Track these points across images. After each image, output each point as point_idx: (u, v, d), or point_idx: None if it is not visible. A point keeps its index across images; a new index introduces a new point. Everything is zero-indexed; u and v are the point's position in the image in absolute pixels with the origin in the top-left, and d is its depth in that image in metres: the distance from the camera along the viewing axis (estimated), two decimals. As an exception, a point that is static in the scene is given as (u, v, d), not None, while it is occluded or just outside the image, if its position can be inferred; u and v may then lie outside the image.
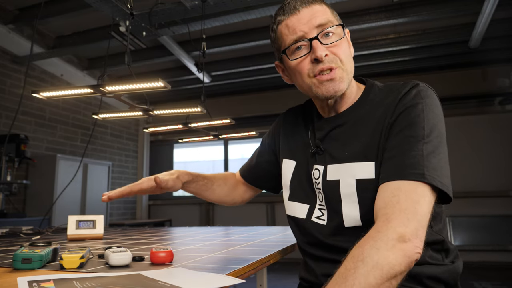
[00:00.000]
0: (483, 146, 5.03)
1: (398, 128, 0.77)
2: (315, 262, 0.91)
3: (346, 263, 0.62)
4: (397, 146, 0.75)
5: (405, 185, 0.69)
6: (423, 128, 0.74)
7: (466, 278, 3.94)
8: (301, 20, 0.83)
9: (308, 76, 0.84)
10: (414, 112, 0.77)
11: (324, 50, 0.81)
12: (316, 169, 0.90)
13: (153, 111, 2.74)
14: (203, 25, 3.33)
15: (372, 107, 0.85)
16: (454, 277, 0.85)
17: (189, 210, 6.28)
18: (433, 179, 0.69)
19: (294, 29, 0.83)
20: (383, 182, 0.73)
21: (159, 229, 1.85)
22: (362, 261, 0.60)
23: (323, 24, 0.82)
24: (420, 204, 0.67)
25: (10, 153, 3.79)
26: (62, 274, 0.69)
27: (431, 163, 0.71)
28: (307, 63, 0.83)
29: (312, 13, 0.82)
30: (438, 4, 3.58)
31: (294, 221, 0.96)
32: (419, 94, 0.79)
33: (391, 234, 0.63)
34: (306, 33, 0.82)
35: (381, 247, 0.61)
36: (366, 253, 0.61)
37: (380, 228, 0.65)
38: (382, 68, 5.03)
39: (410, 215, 0.65)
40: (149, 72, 5.31)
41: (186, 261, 0.83)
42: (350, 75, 0.85)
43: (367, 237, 0.65)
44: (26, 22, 3.98)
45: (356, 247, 0.64)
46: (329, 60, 0.81)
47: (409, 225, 0.64)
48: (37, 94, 2.19)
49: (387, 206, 0.68)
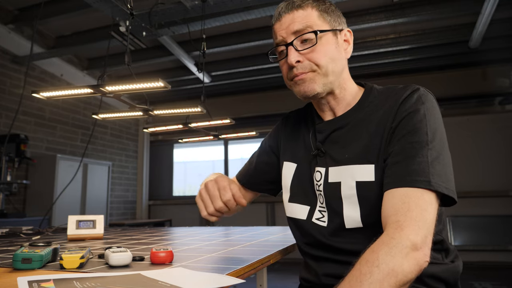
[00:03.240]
0: (483, 146, 5.03)
1: (401, 133, 0.78)
2: (316, 262, 0.92)
3: (360, 267, 0.63)
4: (401, 152, 0.76)
5: (413, 192, 0.71)
6: (426, 134, 0.76)
7: (466, 278, 3.94)
8: (282, 26, 0.88)
9: (287, 78, 0.90)
10: (417, 117, 0.78)
11: (297, 57, 0.85)
12: (317, 171, 0.90)
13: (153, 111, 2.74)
14: (203, 25, 3.33)
15: (371, 110, 0.86)
16: (454, 276, 0.85)
17: (189, 210, 6.28)
18: (438, 186, 0.71)
19: (276, 34, 0.89)
20: (390, 188, 0.74)
21: (159, 229, 1.85)
22: (377, 267, 0.62)
23: (300, 30, 0.85)
24: (428, 211, 0.69)
25: (10, 153, 3.79)
26: (62, 274, 0.69)
27: (436, 169, 0.72)
28: (286, 67, 0.89)
29: (291, 19, 0.86)
30: (438, 4, 3.58)
31: (294, 223, 0.96)
32: (420, 99, 0.80)
33: (405, 241, 0.65)
34: (284, 38, 0.87)
35: (396, 254, 0.63)
36: (382, 259, 0.63)
37: (393, 234, 0.66)
38: (382, 68, 5.04)
39: (420, 223, 0.67)
40: (149, 72, 5.31)
41: (186, 261, 0.83)
42: (329, 78, 0.86)
43: (381, 243, 0.66)
44: (26, 22, 3.98)
45: (370, 252, 0.65)
46: (302, 67, 0.85)
47: (420, 233, 0.66)
48: (37, 94, 2.19)
49: (398, 213, 0.69)
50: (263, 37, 4.20)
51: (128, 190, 6.33)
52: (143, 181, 6.54)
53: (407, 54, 4.66)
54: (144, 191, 6.55)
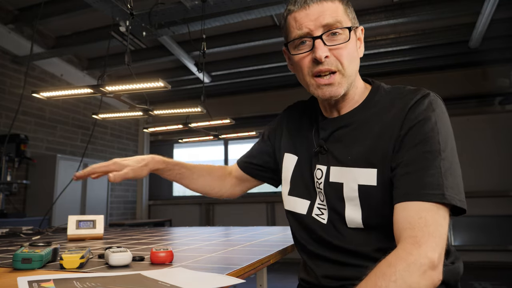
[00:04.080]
0: (483, 146, 5.03)
1: (412, 142, 0.75)
2: (314, 262, 0.91)
3: (376, 279, 0.63)
4: (412, 163, 0.74)
5: (428, 206, 0.69)
6: (439, 143, 0.73)
7: (466, 278, 3.94)
8: (309, 16, 0.81)
9: (308, 74, 0.84)
10: (428, 125, 0.75)
11: (326, 52, 0.80)
12: (318, 168, 0.89)
13: (153, 111, 2.74)
14: (203, 25, 3.33)
15: (377, 110, 0.84)
16: (455, 277, 0.85)
17: (189, 210, 6.28)
18: (452, 199, 0.70)
19: (301, 24, 0.82)
20: (404, 201, 0.72)
21: (159, 229, 1.85)
22: (394, 282, 0.62)
23: (330, 24, 0.80)
24: (443, 226, 0.69)
25: (10, 153, 3.79)
26: (62, 274, 0.68)
27: (449, 181, 0.71)
28: (308, 61, 0.83)
29: (321, 11, 0.80)
30: (438, 4, 3.58)
31: (294, 216, 0.96)
32: (431, 106, 0.77)
33: (423, 259, 0.64)
34: (312, 31, 0.81)
35: (414, 272, 0.63)
36: (399, 274, 0.62)
37: (411, 250, 0.65)
38: (382, 68, 5.03)
39: (437, 239, 0.67)
40: (149, 72, 5.30)
41: (186, 261, 0.83)
42: (350, 79, 0.84)
43: (398, 258, 0.65)
44: (26, 22, 3.98)
45: (386, 266, 0.64)
46: (329, 63, 0.80)
47: (437, 250, 0.66)
48: (37, 94, 2.19)
49: (415, 228, 0.68)
50: (263, 37, 4.20)
51: (128, 190, 6.33)
52: (143, 181, 6.54)
53: (407, 54, 4.66)
54: (144, 191, 6.55)
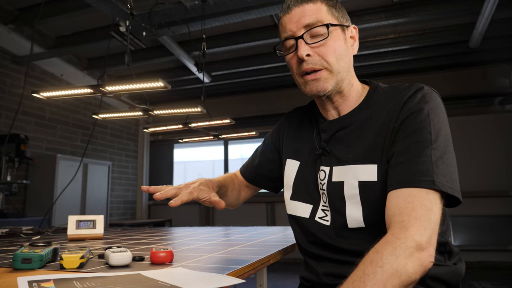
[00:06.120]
0: (483, 146, 5.03)
1: (405, 133, 0.77)
2: (316, 261, 0.91)
3: (364, 267, 0.63)
4: (405, 152, 0.75)
5: (417, 192, 0.70)
6: (430, 133, 0.75)
7: (466, 278, 3.93)
8: (291, 19, 0.86)
9: (297, 74, 0.88)
10: (420, 117, 0.77)
11: (307, 50, 0.83)
12: (322, 170, 0.90)
13: (153, 111, 2.74)
14: (203, 25, 3.33)
15: (376, 109, 0.86)
16: (456, 278, 0.85)
17: (189, 210, 6.28)
18: (443, 186, 0.70)
19: (285, 27, 0.87)
20: (394, 188, 0.73)
21: (159, 229, 1.85)
22: (381, 267, 0.61)
23: (311, 24, 0.84)
24: (433, 211, 0.68)
25: (10, 153, 3.79)
26: (62, 274, 0.68)
27: (440, 169, 0.71)
28: (295, 61, 0.87)
29: (302, 13, 0.85)
30: (438, 4, 3.58)
31: (296, 221, 0.96)
32: (424, 98, 0.79)
33: (410, 242, 0.64)
34: (294, 32, 0.85)
35: (400, 254, 0.63)
36: (385, 259, 0.62)
37: (398, 234, 0.65)
38: (382, 68, 5.03)
39: (425, 223, 0.66)
40: (149, 72, 5.31)
41: (186, 261, 0.83)
42: (339, 75, 0.86)
43: (385, 243, 0.65)
44: (26, 22, 3.97)
45: (374, 252, 0.65)
46: (312, 62, 0.84)
47: (425, 233, 0.65)
48: (37, 94, 2.19)
49: (403, 213, 0.68)
50: (263, 37, 4.20)
51: (128, 190, 6.33)
52: (143, 181, 6.53)
53: (407, 54, 4.66)
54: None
